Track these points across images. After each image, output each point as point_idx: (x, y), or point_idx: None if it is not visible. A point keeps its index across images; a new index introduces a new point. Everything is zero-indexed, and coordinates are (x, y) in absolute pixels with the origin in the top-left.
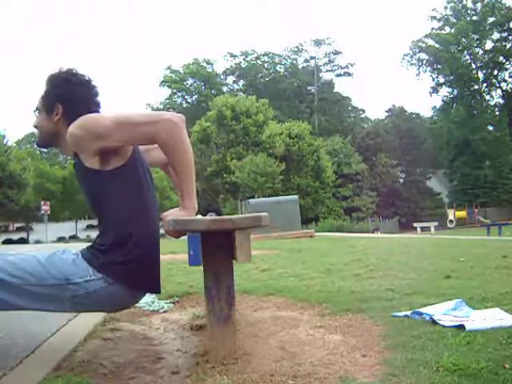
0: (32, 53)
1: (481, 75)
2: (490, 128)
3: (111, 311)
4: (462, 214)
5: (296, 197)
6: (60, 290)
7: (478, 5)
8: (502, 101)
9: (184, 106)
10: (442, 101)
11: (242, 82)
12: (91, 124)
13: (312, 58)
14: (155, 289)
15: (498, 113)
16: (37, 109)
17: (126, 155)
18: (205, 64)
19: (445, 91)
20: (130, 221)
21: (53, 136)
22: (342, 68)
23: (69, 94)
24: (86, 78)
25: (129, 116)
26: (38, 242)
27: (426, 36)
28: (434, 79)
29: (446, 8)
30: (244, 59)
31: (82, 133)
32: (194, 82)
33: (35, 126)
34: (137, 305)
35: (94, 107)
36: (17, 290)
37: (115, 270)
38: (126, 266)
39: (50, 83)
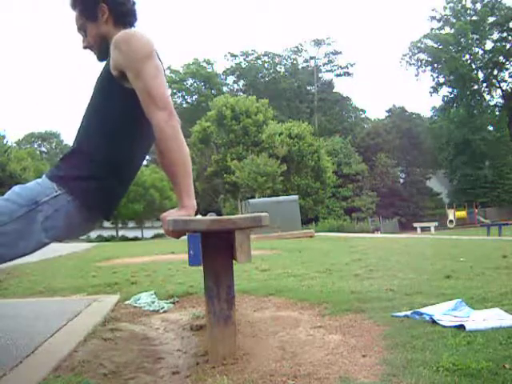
0: (32, 53)
1: (481, 75)
2: (490, 128)
3: (78, 234)
4: (462, 214)
5: (296, 197)
6: (31, 217)
7: (478, 5)
8: (502, 101)
9: (184, 105)
10: (442, 101)
11: (242, 82)
12: (133, 46)
13: (312, 58)
14: (107, 215)
15: (498, 113)
16: (79, 28)
17: None
18: (205, 64)
19: (445, 91)
20: (108, 139)
21: (107, 41)
22: (341, 68)
23: None
24: None
25: (152, 84)
26: None
27: (425, 36)
28: (434, 79)
29: (445, 8)
30: (244, 59)
31: (122, 45)
32: (194, 82)
33: (85, 47)
34: (136, 305)
35: (131, 4)
36: None
37: (75, 184)
38: (85, 183)
39: None
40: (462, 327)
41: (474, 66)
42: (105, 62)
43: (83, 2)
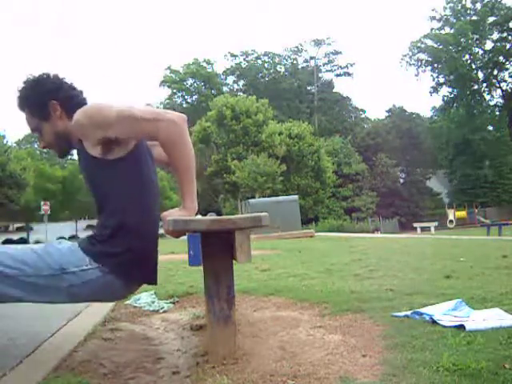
0: (32, 52)
1: (481, 75)
2: (490, 128)
3: (107, 301)
4: (462, 214)
5: (296, 197)
6: (56, 280)
7: (478, 5)
8: (502, 101)
9: (184, 105)
10: (442, 101)
11: (242, 82)
12: (96, 113)
13: (312, 57)
14: (150, 280)
15: (498, 113)
16: (34, 129)
17: (130, 146)
18: (205, 64)
19: (445, 91)
20: (128, 212)
21: (65, 136)
22: (341, 68)
23: (55, 88)
24: (53, 74)
25: (133, 110)
26: (37, 242)
27: (425, 36)
28: (434, 79)
29: (445, 8)
30: (244, 59)
31: (87, 121)
32: (194, 82)
33: (44, 147)
34: (136, 305)
35: (80, 93)
36: (13, 282)
37: (110, 260)
38: (122, 257)
39: (29, 93)
40: (462, 327)
41: (474, 66)
42: (78, 150)
43: (33, 103)
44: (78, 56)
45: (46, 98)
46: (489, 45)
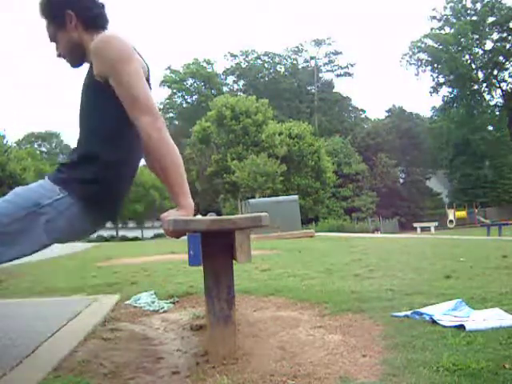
0: (32, 52)
1: (481, 75)
2: (490, 128)
3: (78, 237)
4: (462, 214)
5: (296, 197)
6: (33, 218)
7: (478, 5)
8: (502, 101)
9: (184, 105)
10: (442, 101)
11: (242, 82)
12: (112, 56)
13: (312, 58)
14: (112, 217)
15: (498, 113)
16: (50, 38)
17: None
18: (205, 64)
19: (445, 91)
20: (108, 142)
21: (80, 48)
22: (341, 68)
23: None
24: None
25: (139, 89)
26: None
27: (426, 36)
28: (434, 79)
29: (445, 8)
30: (244, 59)
31: (102, 54)
32: (194, 82)
33: (58, 55)
34: (136, 305)
35: (100, 6)
36: None
37: (78, 187)
38: (90, 186)
39: (47, 0)
40: (462, 327)
41: (474, 66)
42: (88, 67)
43: (50, 10)
44: None
45: (63, 7)
46: (489, 45)
